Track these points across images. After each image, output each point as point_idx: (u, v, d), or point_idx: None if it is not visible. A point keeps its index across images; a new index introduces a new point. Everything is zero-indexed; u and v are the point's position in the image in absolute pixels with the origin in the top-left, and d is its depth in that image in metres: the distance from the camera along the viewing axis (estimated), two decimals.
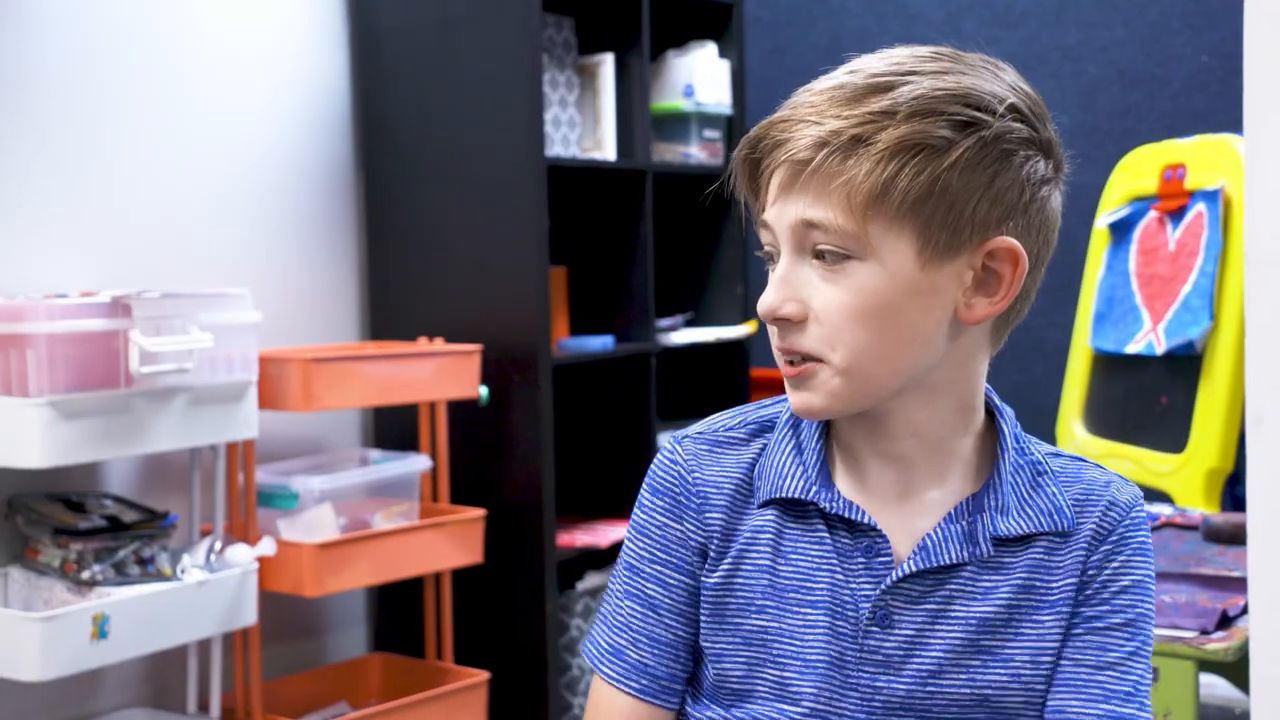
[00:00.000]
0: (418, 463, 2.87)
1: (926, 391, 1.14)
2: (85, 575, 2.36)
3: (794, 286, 1.11)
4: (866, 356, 1.09)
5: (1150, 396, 2.85)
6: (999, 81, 1.12)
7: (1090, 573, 1.15)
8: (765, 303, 1.12)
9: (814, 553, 1.16)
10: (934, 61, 1.12)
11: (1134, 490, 1.19)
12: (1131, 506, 1.17)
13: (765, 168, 1.14)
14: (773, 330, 1.14)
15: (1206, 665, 1.94)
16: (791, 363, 1.13)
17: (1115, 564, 1.15)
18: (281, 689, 2.87)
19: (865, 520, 1.14)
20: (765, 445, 1.22)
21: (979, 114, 1.09)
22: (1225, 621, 1.94)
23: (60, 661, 2.23)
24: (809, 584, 1.15)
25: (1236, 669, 1.95)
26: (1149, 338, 2.80)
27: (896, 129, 1.07)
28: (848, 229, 1.08)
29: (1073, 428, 3.00)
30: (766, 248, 1.16)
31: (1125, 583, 1.15)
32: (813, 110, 1.10)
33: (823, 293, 1.10)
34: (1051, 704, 1.14)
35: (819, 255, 1.10)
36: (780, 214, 1.12)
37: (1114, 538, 1.16)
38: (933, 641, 1.13)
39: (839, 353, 1.10)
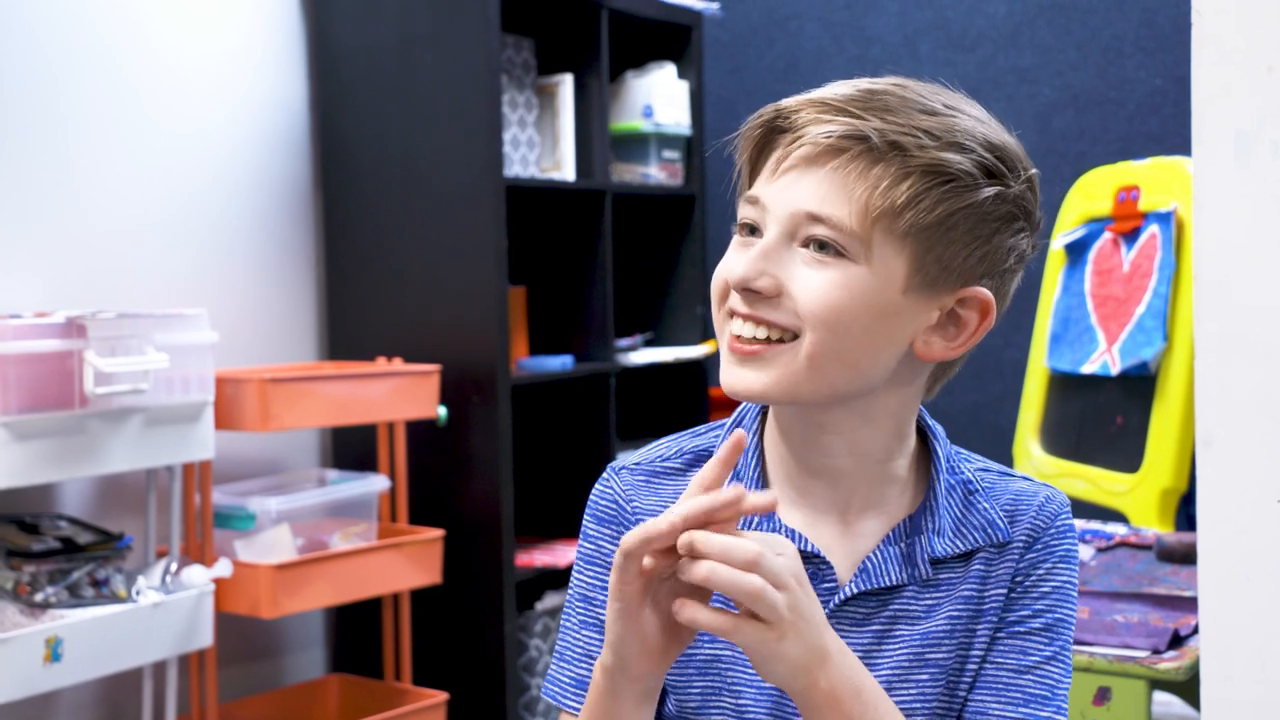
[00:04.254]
0: (376, 483, 2.86)
1: (869, 414, 1.14)
2: (39, 597, 2.34)
3: (773, 263, 1.09)
4: (830, 350, 1.08)
5: (1105, 416, 2.87)
6: (1019, 147, 1.13)
7: (1017, 578, 1.17)
8: (737, 271, 1.09)
9: None
10: (971, 105, 1.13)
11: (1062, 499, 1.21)
12: (1057, 515, 1.19)
13: (778, 142, 1.12)
14: (733, 298, 1.11)
15: (1159, 684, 1.95)
16: (753, 339, 1.10)
17: (1040, 570, 1.17)
18: (238, 711, 2.85)
19: (808, 548, 1.15)
20: None
21: (1005, 170, 1.10)
22: (1177, 641, 1.95)
23: (13, 684, 2.21)
24: None
25: (1189, 688, 1.96)
26: (1104, 358, 2.82)
27: (938, 152, 1.06)
28: (854, 231, 1.06)
29: (1029, 447, 3.02)
30: (746, 220, 1.12)
31: (1047, 588, 1.17)
32: (853, 103, 1.08)
33: (806, 275, 1.08)
34: (972, 704, 1.15)
35: (815, 244, 1.08)
36: (782, 196, 1.09)
37: (1039, 545, 1.18)
38: (880, 661, 1.15)
39: (810, 334, 1.07)
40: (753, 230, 1.12)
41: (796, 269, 1.08)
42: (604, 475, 1.24)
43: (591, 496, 1.24)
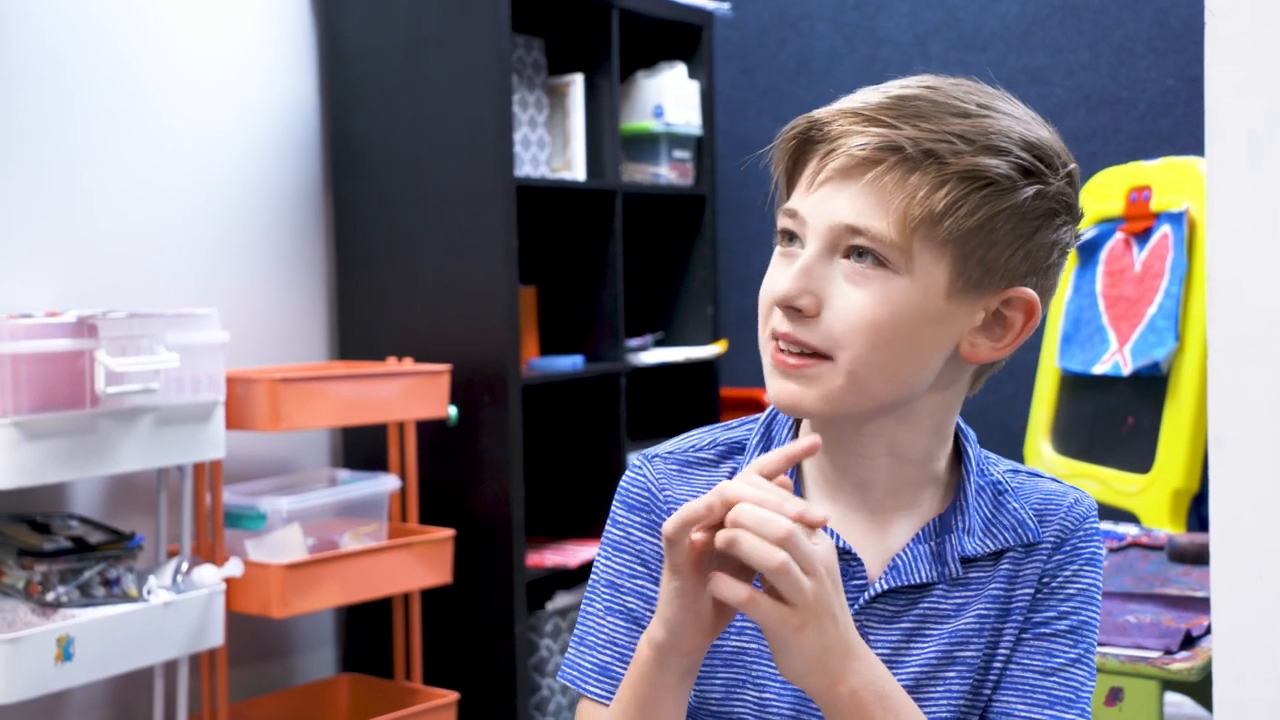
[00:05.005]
0: (386, 483, 2.86)
1: (910, 416, 1.14)
2: (50, 597, 2.34)
3: (815, 279, 1.09)
4: (871, 366, 1.08)
5: (1117, 417, 2.86)
6: (1057, 141, 1.13)
7: (1044, 580, 1.17)
8: (779, 289, 1.09)
9: None
10: (1007, 102, 1.13)
11: (1090, 502, 1.21)
12: (1086, 517, 1.19)
13: (813, 153, 1.11)
14: (776, 316, 1.11)
15: (1171, 685, 1.95)
16: (791, 353, 1.10)
17: (1067, 572, 1.17)
18: (249, 711, 2.86)
19: (840, 544, 1.15)
20: (735, 468, 1.22)
21: (1044, 168, 1.10)
22: (1189, 641, 1.95)
23: (24, 684, 2.21)
24: None
25: (1201, 688, 1.96)
26: (1115, 358, 2.82)
27: (974, 157, 1.06)
28: (894, 242, 1.06)
29: (1040, 448, 3.02)
30: (786, 229, 1.13)
31: (1073, 590, 1.17)
32: (886, 112, 1.08)
33: (846, 293, 1.08)
34: (996, 705, 1.15)
35: (855, 254, 1.08)
36: (820, 209, 1.09)
37: (1068, 546, 1.18)
38: (908, 659, 1.15)
39: (847, 354, 1.08)
40: (792, 238, 1.13)
41: (837, 285, 1.08)
42: (635, 463, 1.24)
43: (622, 483, 1.23)
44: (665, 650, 1.04)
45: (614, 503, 1.23)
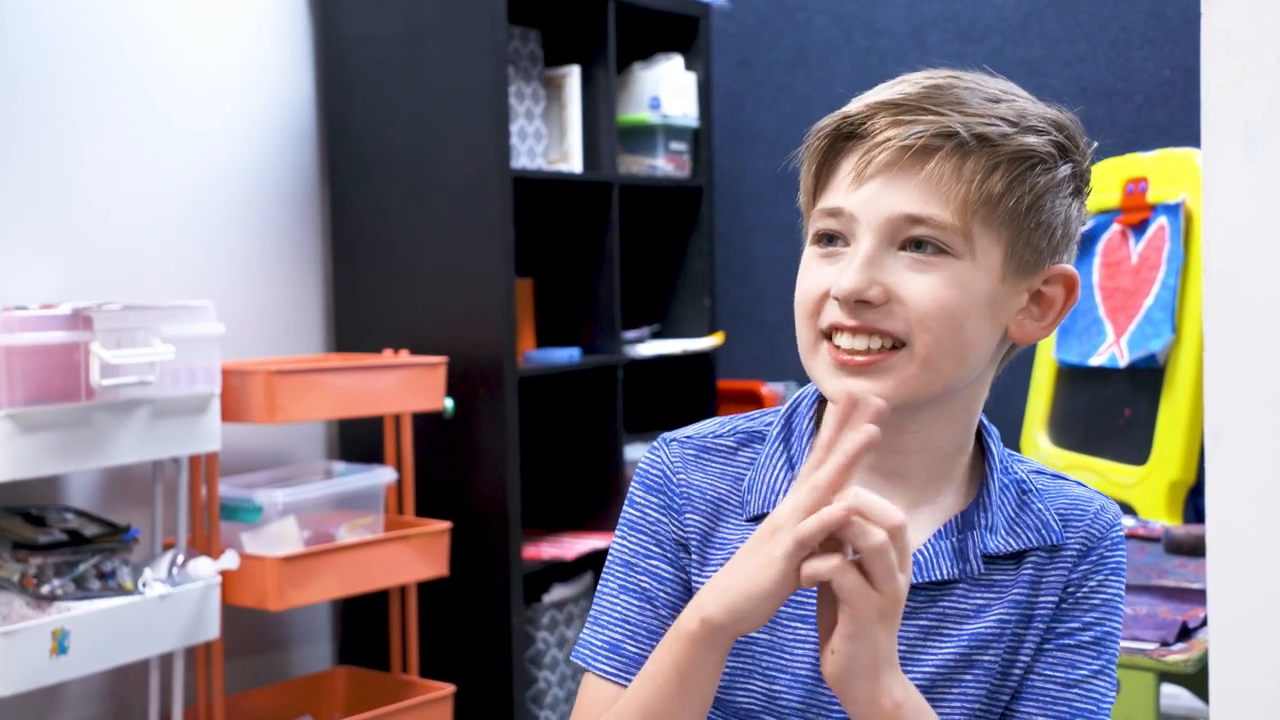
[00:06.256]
0: (383, 475, 2.86)
1: (949, 407, 1.14)
2: (45, 590, 2.34)
3: (880, 270, 1.08)
4: (946, 350, 1.08)
5: (1113, 409, 2.86)
6: (1075, 120, 1.15)
7: (1069, 589, 1.16)
8: (846, 284, 1.08)
9: None
10: (1017, 88, 1.15)
11: (1115, 510, 1.20)
12: (1112, 525, 1.19)
13: (849, 150, 1.11)
14: (832, 310, 1.10)
15: (1167, 677, 1.95)
16: (865, 350, 1.09)
17: (1093, 582, 1.17)
18: (245, 703, 2.86)
19: None
20: (754, 457, 1.21)
21: (1072, 146, 1.12)
22: (1185, 633, 1.95)
23: (19, 677, 2.21)
24: (799, 598, 1.14)
25: (1197, 680, 1.96)
26: (1112, 350, 2.82)
27: (1022, 137, 1.08)
28: (955, 226, 1.07)
29: (1037, 439, 3.02)
30: (827, 230, 1.11)
31: (1097, 601, 1.16)
32: (927, 102, 1.08)
33: (913, 281, 1.08)
34: (1017, 715, 1.15)
35: (913, 245, 1.08)
36: (873, 203, 1.08)
37: (1094, 556, 1.17)
38: (925, 657, 1.14)
39: (924, 338, 1.08)
40: (831, 239, 1.12)
41: (901, 274, 1.08)
42: (654, 445, 1.24)
43: (641, 465, 1.23)
44: (720, 631, 1.02)
45: (632, 483, 1.24)
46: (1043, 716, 1.14)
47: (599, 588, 1.23)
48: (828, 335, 1.11)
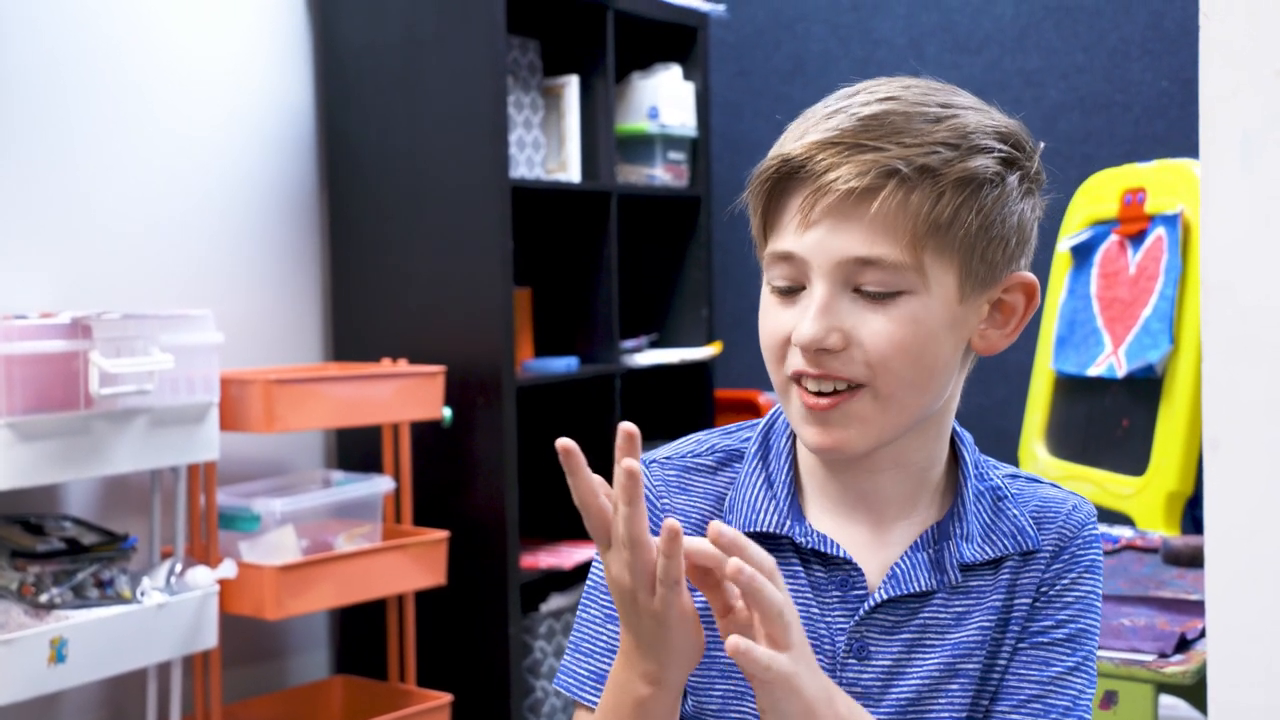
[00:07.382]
0: (380, 484, 2.86)
1: (923, 424, 1.14)
2: (43, 598, 2.34)
3: (836, 316, 1.08)
4: (905, 385, 1.08)
5: (1111, 419, 2.86)
6: (1014, 121, 1.14)
7: (1042, 588, 1.16)
8: (806, 334, 1.07)
9: (789, 587, 1.14)
10: (960, 95, 1.12)
11: (1089, 508, 1.21)
12: (1084, 524, 1.19)
13: (793, 192, 1.09)
14: (794, 357, 1.10)
15: (1166, 688, 1.95)
16: (823, 393, 1.09)
17: (1065, 580, 1.17)
18: (242, 712, 2.85)
19: (839, 554, 1.14)
20: (734, 477, 1.21)
21: (1018, 152, 1.10)
22: (1184, 645, 1.95)
23: (17, 685, 2.21)
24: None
25: (1196, 692, 1.96)
26: (1110, 360, 2.82)
27: (966, 161, 1.06)
28: (906, 263, 1.06)
29: (1035, 450, 3.02)
30: (779, 281, 1.11)
31: (1071, 598, 1.16)
32: (865, 136, 1.06)
33: (869, 322, 1.07)
34: (994, 715, 1.15)
35: (865, 284, 1.07)
36: (822, 247, 1.07)
37: (1066, 554, 1.17)
38: (910, 671, 1.14)
39: (881, 380, 1.08)
40: (788, 285, 1.11)
41: (858, 316, 1.08)
42: None
43: None
44: (666, 683, 1.03)
45: None
46: (1018, 715, 1.14)
47: (579, 612, 1.22)
48: (796, 379, 1.11)
